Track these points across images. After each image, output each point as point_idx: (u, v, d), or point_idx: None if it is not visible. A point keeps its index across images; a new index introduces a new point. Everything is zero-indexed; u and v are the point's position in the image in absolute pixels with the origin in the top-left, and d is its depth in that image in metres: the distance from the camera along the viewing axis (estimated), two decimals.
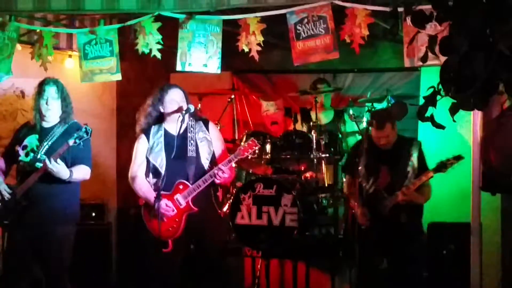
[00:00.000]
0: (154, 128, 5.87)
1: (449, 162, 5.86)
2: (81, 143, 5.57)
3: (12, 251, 5.80)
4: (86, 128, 5.58)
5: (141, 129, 5.93)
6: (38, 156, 5.67)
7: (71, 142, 5.52)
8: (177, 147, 5.73)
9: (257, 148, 5.67)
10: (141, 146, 5.92)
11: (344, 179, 6.61)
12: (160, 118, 5.89)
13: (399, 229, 6.00)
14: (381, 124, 6.03)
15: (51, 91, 5.80)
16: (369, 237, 5.99)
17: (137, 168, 5.90)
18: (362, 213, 6.08)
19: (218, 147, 5.91)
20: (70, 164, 5.67)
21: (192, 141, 5.76)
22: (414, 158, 6.12)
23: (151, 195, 5.70)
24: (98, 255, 8.29)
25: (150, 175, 5.83)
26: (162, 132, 5.86)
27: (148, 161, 5.83)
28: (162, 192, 5.63)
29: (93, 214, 8.46)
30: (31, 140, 5.81)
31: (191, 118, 5.89)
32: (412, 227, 6.17)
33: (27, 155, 5.76)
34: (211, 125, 6.00)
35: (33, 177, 5.61)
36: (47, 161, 5.47)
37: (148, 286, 6.21)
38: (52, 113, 5.84)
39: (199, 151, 5.77)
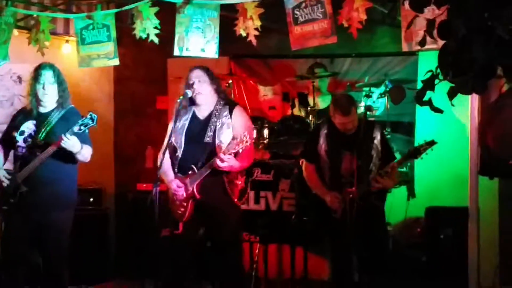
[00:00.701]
0: (184, 110, 5.82)
1: (422, 148, 5.80)
2: (86, 130, 5.56)
3: (10, 237, 5.80)
4: (91, 115, 5.53)
5: (175, 110, 5.89)
6: (37, 142, 5.66)
7: (76, 128, 5.48)
8: (195, 131, 5.73)
9: (248, 143, 5.44)
10: (169, 127, 5.91)
11: (303, 165, 6.42)
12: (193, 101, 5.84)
13: (368, 215, 5.94)
14: (346, 109, 5.92)
15: (47, 76, 5.77)
16: (341, 226, 5.87)
17: (163, 148, 5.87)
18: (332, 198, 5.96)
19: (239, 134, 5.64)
20: None
21: (212, 127, 5.69)
22: (377, 141, 6.05)
23: (166, 177, 5.72)
24: (96, 240, 8.29)
25: (173, 157, 5.80)
26: (189, 115, 5.83)
27: (171, 142, 5.81)
28: (178, 175, 5.70)
29: (91, 199, 8.44)
30: (28, 126, 5.78)
31: (220, 102, 5.83)
32: (380, 212, 6.15)
33: (25, 141, 5.74)
34: (236, 110, 5.84)
35: (40, 158, 5.58)
36: (63, 137, 5.44)
37: (157, 268, 6.20)
38: (49, 98, 5.80)
39: (215, 137, 5.68)
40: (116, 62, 6.68)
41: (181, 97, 5.69)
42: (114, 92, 9.44)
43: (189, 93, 5.70)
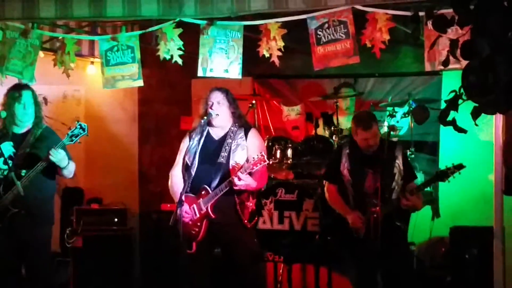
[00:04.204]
0: (199, 129, 5.82)
1: (450, 171, 5.76)
2: (78, 140, 5.61)
3: None
4: (80, 124, 5.59)
5: (191, 129, 5.94)
6: (19, 162, 5.71)
7: (67, 140, 5.56)
8: (209, 151, 5.74)
9: (265, 163, 5.50)
10: (182, 146, 5.95)
11: (325, 186, 6.39)
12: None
13: (391, 235, 5.89)
14: (367, 123, 5.93)
15: (27, 96, 5.85)
16: (365, 246, 5.85)
17: (174, 167, 5.94)
18: (355, 217, 5.93)
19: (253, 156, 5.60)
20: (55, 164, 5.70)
21: (227, 147, 5.70)
22: (399, 161, 6.04)
23: (175, 198, 5.71)
24: (121, 260, 8.30)
25: (186, 175, 5.78)
26: (203, 134, 5.82)
27: (184, 161, 5.84)
28: (189, 195, 5.67)
29: (116, 219, 8.46)
30: (6, 147, 5.82)
31: (236, 124, 5.84)
32: (403, 232, 6.10)
33: (4, 162, 5.76)
34: (251, 133, 5.85)
35: (28, 176, 5.61)
36: (51, 152, 5.50)
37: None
38: (28, 118, 5.88)
39: (229, 157, 5.68)
40: (140, 83, 6.71)
41: (205, 117, 5.71)
42: (138, 112, 9.51)
43: (213, 113, 5.72)
